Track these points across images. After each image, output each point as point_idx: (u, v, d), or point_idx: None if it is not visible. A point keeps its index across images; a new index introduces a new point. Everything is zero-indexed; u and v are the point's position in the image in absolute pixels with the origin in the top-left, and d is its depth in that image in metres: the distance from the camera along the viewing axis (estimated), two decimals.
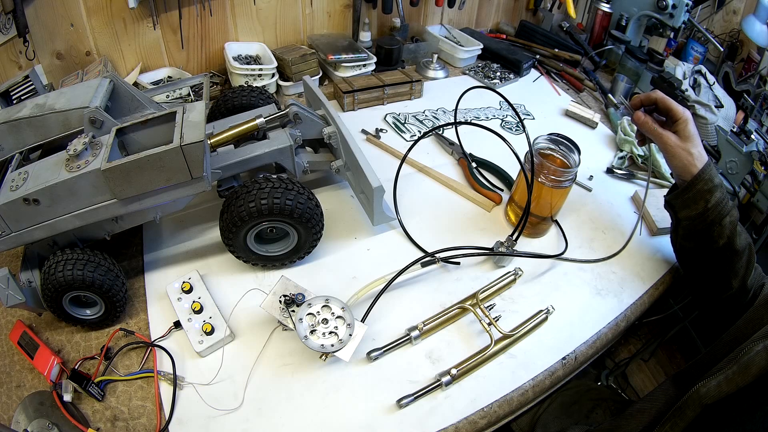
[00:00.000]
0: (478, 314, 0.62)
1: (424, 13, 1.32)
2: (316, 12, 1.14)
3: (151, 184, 0.53)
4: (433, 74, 1.19)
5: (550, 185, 0.70)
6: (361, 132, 0.95)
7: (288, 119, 0.71)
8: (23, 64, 0.84)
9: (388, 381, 0.56)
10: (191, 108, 0.56)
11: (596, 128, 1.06)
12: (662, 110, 0.66)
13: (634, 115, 0.68)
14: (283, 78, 1.03)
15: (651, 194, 0.85)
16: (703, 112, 1.05)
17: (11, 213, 0.51)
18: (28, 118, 0.56)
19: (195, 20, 0.99)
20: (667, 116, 0.66)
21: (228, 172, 0.66)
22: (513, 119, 1.06)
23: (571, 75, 1.25)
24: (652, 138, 0.67)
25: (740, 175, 0.96)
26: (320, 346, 0.53)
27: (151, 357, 0.56)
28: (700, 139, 0.66)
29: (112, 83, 0.61)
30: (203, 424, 0.51)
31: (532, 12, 1.51)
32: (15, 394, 0.54)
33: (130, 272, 0.66)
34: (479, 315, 0.62)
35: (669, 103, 0.65)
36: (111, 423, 0.51)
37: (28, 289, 0.55)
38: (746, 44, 1.31)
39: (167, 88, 0.88)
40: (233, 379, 0.55)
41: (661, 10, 1.21)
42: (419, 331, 0.60)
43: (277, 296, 0.57)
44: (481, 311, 0.62)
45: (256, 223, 0.60)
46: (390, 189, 0.76)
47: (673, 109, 0.65)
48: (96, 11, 0.88)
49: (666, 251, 0.78)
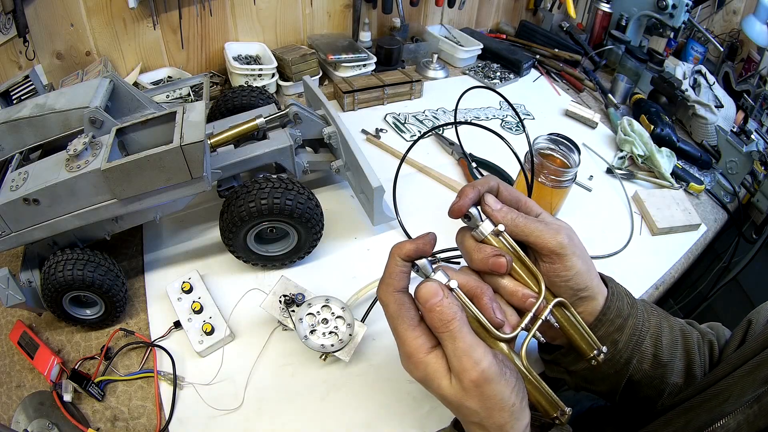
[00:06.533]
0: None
1: (424, 13, 1.32)
2: (316, 12, 1.14)
3: (151, 184, 0.53)
4: (433, 74, 1.19)
5: (550, 185, 0.70)
6: (361, 132, 0.95)
7: (288, 119, 0.71)
8: (23, 64, 0.84)
9: (388, 381, 0.56)
10: (191, 108, 0.56)
11: (596, 128, 1.06)
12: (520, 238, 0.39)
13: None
14: (283, 78, 1.03)
15: (651, 194, 0.85)
16: (703, 112, 1.05)
17: (11, 213, 0.51)
18: (28, 118, 0.56)
19: (195, 20, 0.99)
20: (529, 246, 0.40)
21: (228, 172, 0.66)
22: (513, 119, 1.06)
23: (571, 75, 1.24)
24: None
25: (740, 175, 0.96)
26: (320, 346, 0.53)
27: (151, 357, 0.56)
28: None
29: (112, 83, 0.61)
30: (203, 424, 0.51)
31: (532, 12, 1.51)
32: (15, 394, 0.54)
33: (130, 272, 0.66)
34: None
35: (528, 228, 0.39)
36: (111, 423, 0.51)
37: (28, 289, 0.55)
38: (746, 44, 1.31)
39: (167, 88, 0.88)
40: (233, 379, 0.55)
41: (661, 10, 1.21)
42: None
43: (277, 296, 0.57)
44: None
45: (256, 223, 0.60)
46: (390, 189, 0.76)
47: (537, 236, 0.38)
48: (96, 11, 0.88)
49: (666, 251, 0.78)
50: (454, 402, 0.34)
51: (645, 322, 0.44)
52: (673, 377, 0.44)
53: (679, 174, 0.92)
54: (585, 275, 0.40)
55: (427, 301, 0.34)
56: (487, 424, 0.34)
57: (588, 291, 0.41)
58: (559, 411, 0.38)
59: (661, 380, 0.44)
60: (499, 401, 0.33)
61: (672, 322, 0.46)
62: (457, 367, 0.33)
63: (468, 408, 0.34)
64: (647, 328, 0.44)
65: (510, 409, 0.33)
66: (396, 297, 0.36)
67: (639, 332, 0.43)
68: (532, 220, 0.39)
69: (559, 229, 0.39)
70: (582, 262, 0.39)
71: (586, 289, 0.40)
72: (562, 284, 0.39)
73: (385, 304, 0.37)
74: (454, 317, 0.33)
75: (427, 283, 0.35)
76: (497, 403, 0.33)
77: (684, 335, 0.46)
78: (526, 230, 0.38)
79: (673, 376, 0.44)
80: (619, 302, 0.43)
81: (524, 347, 0.37)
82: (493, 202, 0.39)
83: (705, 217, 0.87)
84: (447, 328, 0.33)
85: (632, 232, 0.80)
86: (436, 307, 0.34)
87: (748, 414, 0.35)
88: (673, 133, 0.99)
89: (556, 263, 0.38)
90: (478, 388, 0.33)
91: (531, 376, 0.37)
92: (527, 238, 0.39)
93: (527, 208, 0.41)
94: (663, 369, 0.44)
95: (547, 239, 0.38)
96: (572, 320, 0.40)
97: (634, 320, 0.43)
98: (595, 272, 0.42)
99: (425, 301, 0.34)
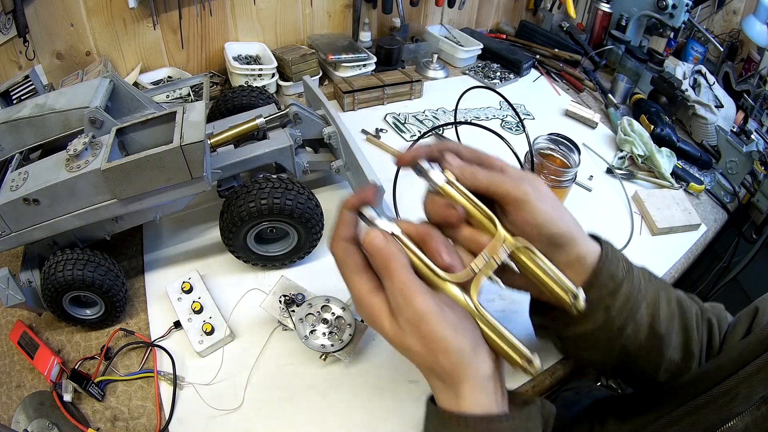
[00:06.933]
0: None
1: (424, 13, 1.32)
2: (316, 12, 1.14)
3: (151, 184, 0.53)
4: (433, 74, 1.19)
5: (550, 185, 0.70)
6: (361, 132, 0.95)
7: (288, 119, 0.71)
8: (23, 64, 0.84)
9: (389, 381, 0.56)
10: (191, 108, 0.56)
11: (596, 128, 1.06)
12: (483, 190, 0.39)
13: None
14: (283, 78, 1.03)
15: (651, 194, 0.85)
16: (703, 112, 1.05)
17: (11, 213, 0.51)
18: (28, 118, 0.56)
19: (195, 20, 0.99)
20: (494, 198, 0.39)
21: (228, 172, 0.66)
22: (513, 119, 1.06)
23: (571, 75, 1.24)
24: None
25: (740, 175, 0.96)
26: (320, 346, 0.53)
27: (151, 357, 0.56)
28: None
29: (112, 83, 0.61)
30: (203, 424, 0.51)
31: (532, 12, 1.51)
32: (15, 394, 0.54)
33: (130, 272, 0.66)
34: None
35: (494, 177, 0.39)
36: (111, 423, 0.51)
37: (28, 289, 0.55)
38: (746, 44, 1.31)
39: (167, 88, 0.88)
40: (233, 379, 0.55)
41: (661, 10, 1.21)
42: None
43: (277, 296, 0.57)
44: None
45: (256, 223, 0.60)
46: (390, 189, 0.76)
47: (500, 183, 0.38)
48: (96, 11, 0.88)
49: (666, 251, 0.78)
50: (397, 342, 0.35)
51: (641, 290, 0.42)
52: (670, 352, 0.43)
53: (679, 174, 0.92)
54: (556, 222, 0.38)
55: (370, 245, 0.35)
56: (437, 370, 0.34)
57: (564, 238, 0.39)
58: (525, 360, 0.36)
59: (657, 353, 0.43)
60: (440, 342, 0.33)
61: (670, 293, 0.45)
62: (394, 305, 0.34)
63: (411, 350, 0.34)
64: (643, 297, 0.42)
65: (456, 353, 0.33)
66: (342, 245, 0.37)
67: (634, 299, 0.42)
68: (493, 173, 0.39)
69: (521, 179, 0.38)
70: (551, 208, 0.38)
71: (561, 236, 0.39)
72: (533, 232, 0.38)
73: (333, 254, 0.38)
74: (394, 259, 0.34)
75: (370, 230, 0.36)
76: (439, 345, 0.33)
77: (682, 308, 0.44)
78: (485, 182, 0.38)
79: (670, 351, 0.43)
80: (612, 266, 0.41)
81: (474, 287, 0.36)
82: (452, 158, 0.40)
83: (705, 217, 0.87)
84: (387, 269, 0.34)
85: (632, 232, 0.80)
86: (378, 250, 0.35)
87: (756, 416, 0.35)
88: (673, 133, 0.99)
89: (521, 211, 0.38)
90: (416, 327, 0.33)
91: (485, 320, 0.36)
92: (488, 189, 0.38)
93: (490, 163, 0.40)
94: (660, 341, 0.43)
95: (509, 188, 0.38)
96: (542, 266, 0.38)
97: (630, 287, 0.41)
98: (571, 220, 0.40)
99: (368, 245, 0.35)
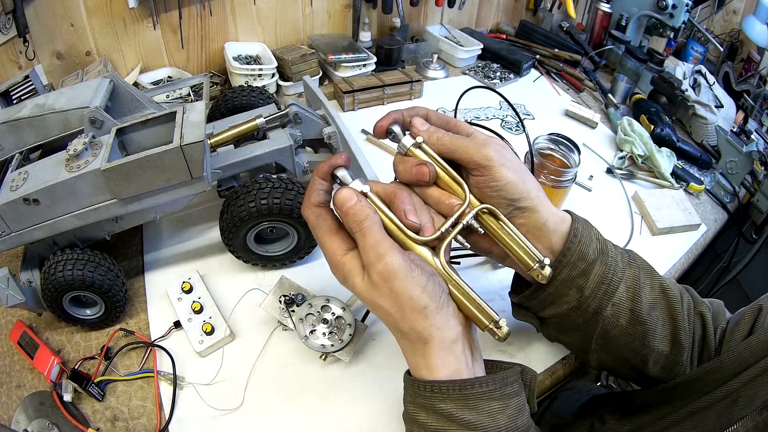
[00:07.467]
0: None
1: (424, 13, 1.32)
2: (316, 12, 1.14)
3: (151, 184, 0.53)
4: (433, 74, 1.19)
5: (550, 185, 0.70)
6: (361, 132, 0.95)
7: (288, 119, 0.71)
8: (23, 64, 0.84)
9: (389, 381, 0.56)
10: (191, 108, 0.56)
11: (596, 128, 1.06)
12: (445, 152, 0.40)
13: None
14: (283, 78, 1.03)
15: (651, 194, 0.85)
16: (703, 112, 1.05)
17: (11, 213, 0.51)
18: (28, 118, 0.56)
19: (195, 20, 0.99)
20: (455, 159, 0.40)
21: (228, 172, 0.66)
22: (513, 119, 1.06)
23: (571, 75, 1.24)
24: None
25: (740, 175, 0.96)
26: (320, 346, 0.53)
27: (151, 357, 0.56)
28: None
29: (112, 83, 0.61)
30: (203, 424, 0.51)
31: (532, 12, 1.51)
32: (15, 394, 0.54)
33: (130, 272, 0.66)
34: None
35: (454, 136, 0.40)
36: (111, 423, 0.51)
37: (28, 289, 0.55)
38: (746, 44, 1.31)
39: (167, 88, 0.88)
40: (233, 379, 0.55)
41: (661, 10, 1.21)
42: None
43: (277, 296, 0.57)
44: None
45: (256, 223, 0.60)
46: None
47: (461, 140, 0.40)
48: (96, 11, 0.88)
49: (666, 251, 0.78)
50: (368, 299, 0.36)
51: (618, 272, 0.42)
52: (656, 342, 0.43)
53: (679, 174, 0.92)
54: (518, 185, 0.39)
55: (343, 205, 0.36)
56: (404, 328, 0.35)
57: (525, 202, 0.40)
58: (492, 323, 0.37)
59: (642, 341, 0.43)
60: (408, 299, 0.34)
61: (654, 279, 0.45)
62: (366, 262, 0.35)
63: (381, 308, 0.35)
64: (620, 278, 0.42)
65: (423, 312, 0.34)
66: (314, 210, 0.38)
67: (609, 281, 0.42)
68: (458, 137, 0.40)
69: (486, 143, 0.39)
70: (513, 172, 0.39)
71: (522, 199, 0.40)
72: (494, 195, 0.39)
73: (306, 218, 0.39)
74: (366, 217, 0.35)
75: (342, 190, 0.37)
76: (407, 302, 0.34)
77: (667, 296, 0.44)
78: (451, 146, 0.40)
79: (656, 341, 0.43)
80: (582, 246, 0.42)
81: (442, 249, 0.37)
82: (419, 123, 0.41)
83: (705, 217, 0.87)
84: (359, 227, 0.35)
85: (632, 232, 0.80)
86: (350, 209, 0.36)
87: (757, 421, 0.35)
88: (673, 133, 0.99)
89: (484, 175, 0.39)
90: (386, 283, 0.34)
91: (453, 280, 0.37)
92: (453, 154, 0.40)
93: (457, 128, 0.42)
94: (643, 327, 0.43)
95: (472, 152, 0.39)
96: (507, 230, 0.40)
97: (603, 267, 0.42)
98: (535, 187, 0.41)
99: (341, 205, 0.36)
